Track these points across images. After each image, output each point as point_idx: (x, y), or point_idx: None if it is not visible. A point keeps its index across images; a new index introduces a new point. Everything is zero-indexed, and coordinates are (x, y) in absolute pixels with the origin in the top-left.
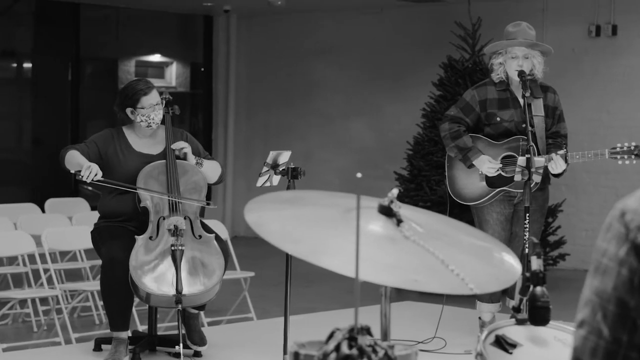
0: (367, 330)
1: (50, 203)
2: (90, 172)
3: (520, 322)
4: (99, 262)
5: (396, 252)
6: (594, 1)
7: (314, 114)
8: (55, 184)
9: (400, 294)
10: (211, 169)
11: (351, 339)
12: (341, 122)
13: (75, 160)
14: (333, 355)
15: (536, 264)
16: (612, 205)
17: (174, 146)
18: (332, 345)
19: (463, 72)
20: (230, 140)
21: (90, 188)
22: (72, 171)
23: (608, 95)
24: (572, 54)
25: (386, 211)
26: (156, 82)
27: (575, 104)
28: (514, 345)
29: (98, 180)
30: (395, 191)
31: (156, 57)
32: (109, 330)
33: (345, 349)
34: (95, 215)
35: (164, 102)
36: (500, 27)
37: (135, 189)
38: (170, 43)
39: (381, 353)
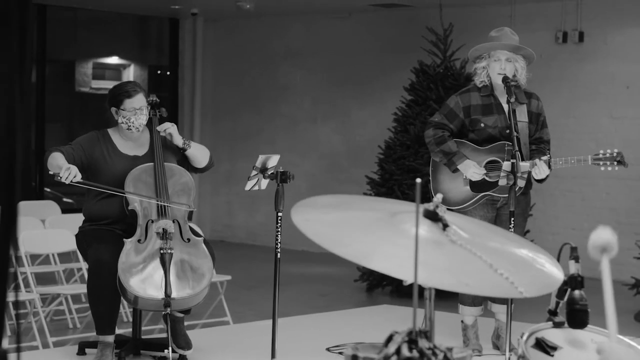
0: (425, 334)
1: (21, 206)
2: (70, 173)
3: (557, 325)
4: (72, 265)
5: (443, 255)
6: (561, 8)
7: (281, 118)
8: (22, 186)
9: (372, 297)
10: (200, 151)
11: (411, 341)
12: (309, 126)
13: (56, 162)
14: (394, 358)
15: (574, 267)
16: (578, 209)
17: (159, 128)
18: (392, 348)
19: (434, 77)
20: None
21: (49, 190)
22: (51, 172)
23: (574, 101)
24: (539, 60)
25: (432, 216)
26: (112, 84)
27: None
28: (554, 348)
29: (77, 182)
30: (440, 196)
31: (113, 60)
32: (86, 334)
33: (406, 351)
34: (67, 218)
35: (150, 104)
36: (470, 32)
37: (121, 193)
38: (129, 45)
39: (440, 356)
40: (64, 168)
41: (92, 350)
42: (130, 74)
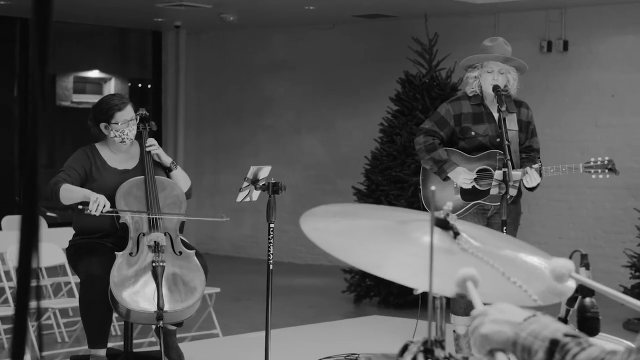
0: (439, 343)
1: (6, 220)
2: (98, 205)
3: None
4: (60, 279)
5: (455, 264)
6: (545, 17)
7: (265, 130)
8: (6, 200)
9: (360, 308)
10: (183, 178)
11: (426, 351)
12: (293, 138)
13: (76, 194)
14: None
15: (585, 274)
16: (565, 218)
17: (146, 143)
18: (408, 358)
19: (420, 87)
20: (180, 157)
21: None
22: (79, 207)
23: (559, 110)
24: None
25: (442, 224)
26: (93, 98)
27: None
28: None
29: (107, 212)
30: (450, 204)
31: (94, 73)
32: (75, 348)
33: None
34: (55, 232)
35: (139, 118)
36: (455, 42)
37: (148, 214)
38: (110, 59)
39: None
40: (92, 200)
41: None
42: (112, 87)
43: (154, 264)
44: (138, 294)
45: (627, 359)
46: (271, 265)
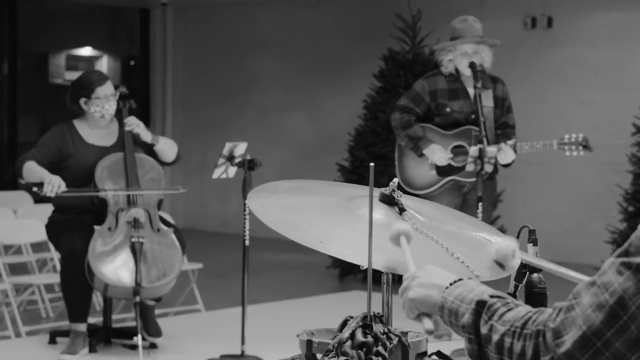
0: (379, 318)
1: None
2: (53, 186)
3: None
4: (45, 255)
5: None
6: None
7: (252, 107)
8: None
9: (344, 284)
10: (169, 146)
11: (365, 326)
12: (279, 115)
13: (35, 174)
14: (348, 343)
15: (532, 250)
16: (548, 194)
17: (125, 121)
18: (347, 333)
19: (404, 64)
20: (168, 135)
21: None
22: (24, 182)
23: (543, 86)
24: (508, 46)
25: (388, 200)
26: None
27: (511, 95)
28: None
29: (62, 192)
30: (396, 180)
31: (87, 51)
32: (59, 323)
33: (360, 336)
34: (40, 207)
35: (119, 95)
36: (439, 19)
37: (103, 192)
38: (101, 37)
39: (395, 340)
40: (46, 181)
41: (63, 339)
42: (104, 64)
43: (132, 240)
44: (116, 269)
45: (555, 318)
46: (247, 242)
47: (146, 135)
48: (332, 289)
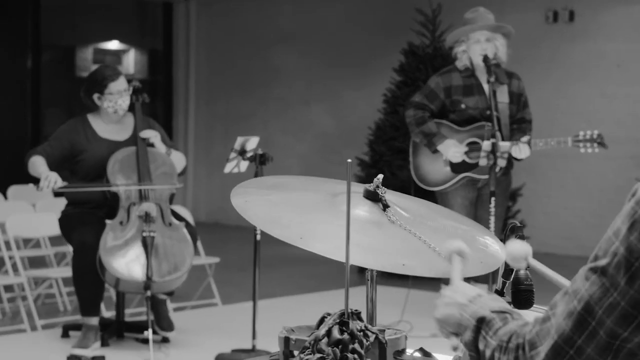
0: (357, 315)
1: (13, 190)
2: (49, 182)
3: None
4: (63, 248)
5: (382, 236)
6: None
7: (274, 100)
8: (17, 170)
9: (363, 278)
10: (177, 160)
11: (342, 323)
12: (301, 109)
13: (37, 170)
14: (324, 341)
15: None
16: (570, 188)
17: (142, 134)
18: (323, 330)
19: (424, 58)
20: (191, 128)
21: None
22: (32, 184)
23: (566, 81)
24: (529, 41)
25: (372, 196)
26: None
27: (533, 90)
28: None
29: (59, 188)
30: (380, 176)
31: (114, 44)
32: (75, 317)
33: (336, 333)
34: (59, 201)
35: (132, 89)
36: (459, 13)
37: (106, 187)
38: (127, 30)
39: (372, 337)
40: (42, 177)
41: (76, 333)
42: (131, 58)
43: (144, 234)
44: (127, 263)
45: (531, 330)
46: (258, 236)
47: (161, 147)
48: (351, 282)
